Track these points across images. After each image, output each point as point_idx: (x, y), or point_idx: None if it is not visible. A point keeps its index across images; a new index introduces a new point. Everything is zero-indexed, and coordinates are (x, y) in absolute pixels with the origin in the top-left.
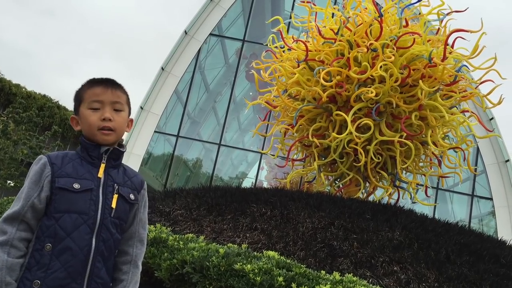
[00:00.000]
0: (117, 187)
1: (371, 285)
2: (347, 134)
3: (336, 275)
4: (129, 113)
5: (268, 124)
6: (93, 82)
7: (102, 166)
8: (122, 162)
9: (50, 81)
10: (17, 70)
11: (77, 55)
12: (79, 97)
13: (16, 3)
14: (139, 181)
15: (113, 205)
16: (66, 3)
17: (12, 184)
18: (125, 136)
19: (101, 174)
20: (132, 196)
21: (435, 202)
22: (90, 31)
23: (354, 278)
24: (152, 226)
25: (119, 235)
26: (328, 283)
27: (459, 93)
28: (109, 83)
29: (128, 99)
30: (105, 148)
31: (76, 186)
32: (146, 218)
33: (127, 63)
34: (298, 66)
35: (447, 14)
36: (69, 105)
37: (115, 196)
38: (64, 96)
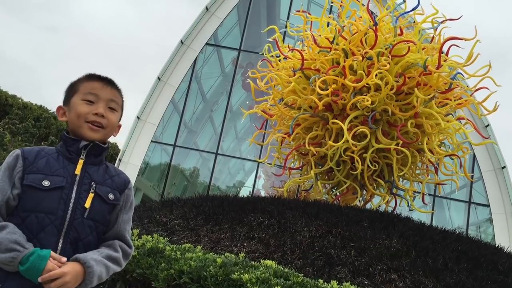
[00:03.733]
0: (94, 185)
1: None
2: (343, 142)
3: (334, 284)
4: (120, 119)
5: (264, 133)
6: (93, 76)
7: (81, 162)
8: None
9: (51, 94)
10: (19, 84)
11: (78, 69)
12: (73, 88)
13: (20, 20)
14: (121, 180)
15: (87, 205)
16: (69, 19)
17: None
18: (121, 146)
19: (78, 170)
20: (111, 196)
21: (433, 209)
22: (92, 46)
23: (352, 287)
24: (149, 236)
25: (94, 238)
26: None
27: (455, 100)
28: (109, 81)
29: (123, 103)
30: (85, 143)
31: (46, 183)
32: (131, 220)
33: (127, 75)
34: (294, 75)
35: (441, 22)
36: None
37: (91, 195)
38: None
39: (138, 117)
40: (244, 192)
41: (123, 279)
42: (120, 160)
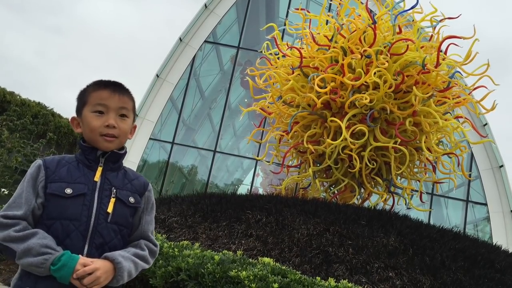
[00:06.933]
0: (114, 190)
1: None
2: (341, 140)
3: (332, 281)
4: (134, 120)
5: (263, 131)
6: (100, 85)
7: (99, 169)
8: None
9: (54, 94)
10: (22, 84)
11: (81, 70)
12: (83, 98)
13: (23, 20)
14: (141, 183)
15: (109, 209)
16: (72, 20)
17: (6, 192)
18: None
19: (97, 177)
20: (132, 199)
21: (430, 207)
22: (94, 47)
23: (350, 284)
24: None
25: (119, 241)
26: None
27: (453, 99)
28: (117, 87)
29: (134, 105)
30: (102, 151)
31: (68, 191)
32: (153, 221)
33: (130, 76)
34: (293, 73)
35: (440, 21)
36: (66, 114)
37: (112, 200)
38: (67, 107)
39: (136, 114)
40: (242, 190)
41: None
42: None
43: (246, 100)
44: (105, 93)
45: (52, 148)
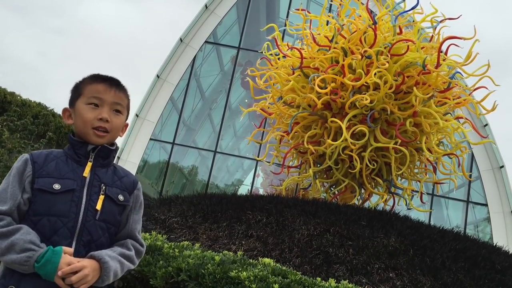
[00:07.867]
0: (104, 187)
1: None
2: (342, 141)
3: (332, 282)
4: (127, 118)
5: (263, 131)
6: (97, 78)
7: (89, 164)
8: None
9: (55, 94)
10: (24, 84)
11: (83, 71)
12: (78, 90)
13: (25, 21)
14: (130, 181)
15: (98, 206)
16: (74, 21)
17: None
18: (119, 142)
19: (86, 173)
20: (121, 197)
21: (431, 208)
22: (96, 48)
23: (350, 285)
24: (147, 234)
25: (107, 239)
26: None
27: (453, 99)
28: (114, 83)
29: (128, 103)
30: (93, 146)
31: (56, 186)
32: (141, 220)
33: (132, 77)
34: (293, 73)
35: (441, 21)
36: None
37: (101, 197)
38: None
39: (136, 115)
40: (243, 190)
41: (121, 277)
42: (118, 158)
43: (246, 101)
44: (101, 87)
45: (52, 148)
